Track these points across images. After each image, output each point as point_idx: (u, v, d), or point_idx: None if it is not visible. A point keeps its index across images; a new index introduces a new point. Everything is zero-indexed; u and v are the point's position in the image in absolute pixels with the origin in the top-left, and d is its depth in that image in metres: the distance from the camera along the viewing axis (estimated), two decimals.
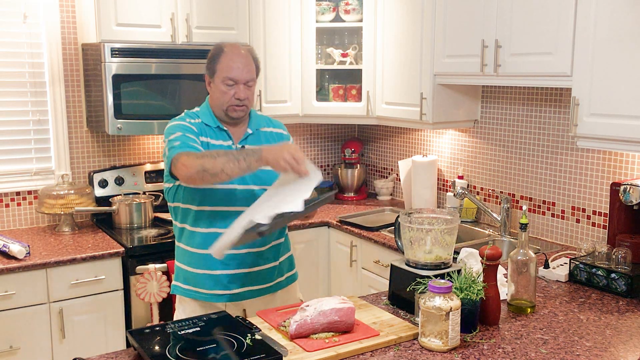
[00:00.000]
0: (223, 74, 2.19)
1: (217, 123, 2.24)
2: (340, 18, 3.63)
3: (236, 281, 2.18)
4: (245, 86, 2.21)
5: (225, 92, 2.19)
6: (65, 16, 3.35)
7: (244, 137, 2.26)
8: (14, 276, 2.75)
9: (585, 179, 2.87)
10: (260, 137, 2.30)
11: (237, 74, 2.18)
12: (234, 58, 2.20)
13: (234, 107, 2.20)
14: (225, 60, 2.20)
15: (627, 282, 2.22)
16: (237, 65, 2.19)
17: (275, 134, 2.36)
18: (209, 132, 2.23)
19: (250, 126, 2.30)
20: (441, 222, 1.97)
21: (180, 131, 2.16)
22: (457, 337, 1.77)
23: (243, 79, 2.20)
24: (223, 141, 2.23)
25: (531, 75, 2.65)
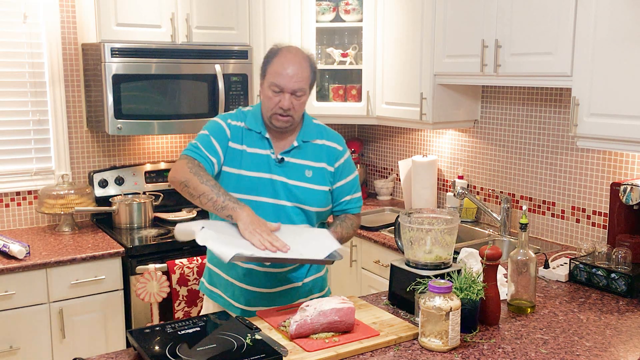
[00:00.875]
0: (271, 78, 2.04)
1: (260, 128, 2.11)
2: (340, 18, 3.63)
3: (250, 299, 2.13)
4: (292, 96, 2.04)
5: (270, 98, 2.05)
6: (65, 16, 3.35)
7: (288, 149, 2.11)
8: (14, 276, 2.75)
9: (585, 179, 2.87)
10: (307, 151, 2.13)
11: (284, 82, 2.02)
12: (286, 64, 2.03)
13: (277, 116, 2.05)
14: (276, 65, 2.05)
15: (627, 282, 2.22)
16: (287, 72, 2.02)
17: (327, 148, 2.17)
18: (249, 138, 2.10)
19: (299, 138, 2.13)
20: (441, 222, 1.96)
21: (208, 131, 2.10)
22: (457, 337, 1.77)
23: (290, 88, 2.02)
24: (261, 149, 2.10)
25: (531, 75, 2.65)
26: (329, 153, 2.16)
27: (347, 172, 2.21)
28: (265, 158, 2.09)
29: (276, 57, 2.06)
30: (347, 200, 2.21)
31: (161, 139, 3.70)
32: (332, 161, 2.17)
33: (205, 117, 3.37)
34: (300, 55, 2.08)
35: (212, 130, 2.10)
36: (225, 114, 2.17)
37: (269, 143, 2.11)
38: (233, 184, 2.06)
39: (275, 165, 2.09)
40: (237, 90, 3.45)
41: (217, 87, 3.36)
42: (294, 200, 2.08)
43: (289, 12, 3.59)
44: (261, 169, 2.08)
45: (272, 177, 2.08)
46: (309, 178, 2.11)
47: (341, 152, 2.20)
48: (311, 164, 2.13)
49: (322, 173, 2.14)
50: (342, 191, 2.20)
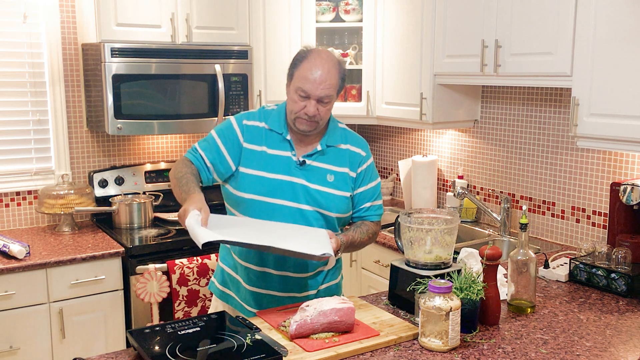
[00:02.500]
0: (297, 83, 1.98)
1: (282, 129, 2.06)
2: (340, 18, 3.63)
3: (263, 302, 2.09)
4: (318, 102, 1.98)
5: (296, 102, 1.99)
6: (65, 16, 3.35)
7: (310, 153, 2.06)
8: (14, 276, 2.75)
9: (585, 179, 2.87)
10: (330, 155, 2.09)
11: (311, 88, 1.96)
12: (313, 69, 1.96)
13: (302, 120, 2.00)
14: (304, 69, 1.97)
15: (627, 282, 2.22)
16: (314, 78, 1.95)
17: (350, 152, 2.12)
18: (270, 138, 2.06)
19: (322, 142, 2.08)
20: (441, 222, 1.96)
21: (217, 132, 2.07)
22: (457, 337, 1.77)
23: (316, 95, 1.96)
24: (282, 151, 2.05)
25: (531, 75, 2.65)
26: (352, 158, 2.12)
27: (370, 178, 2.17)
28: (286, 160, 2.04)
29: (305, 61, 1.99)
30: (367, 207, 2.16)
31: (161, 139, 3.70)
32: (355, 166, 2.13)
33: (205, 117, 3.37)
34: (330, 61, 2.00)
35: (221, 132, 2.07)
36: (244, 113, 2.12)
37: (291, 145, 2.06)
38: (252, 185, 2.02)
39: (296, 168, 2.04)
40: (237, 90, 3.45)
41: (217, 87, 3.36)
42: (314, 204, 2.04)
43: (289, 12, 3.59)
44: (282, 171, 2.03)
45: (293, 180, 2.03)
46: (331, 183, 2.06)
47: (365, 158, 2.15)
48: (333, 168, 2.08)
49: (344, 178, 2.09)
50: (362, 197, 2.15)
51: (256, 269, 2.08)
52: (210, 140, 2.07)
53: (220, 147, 2.05)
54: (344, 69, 2.06)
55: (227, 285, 2.19)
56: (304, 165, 2.05)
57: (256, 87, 3.56)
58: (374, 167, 2.20)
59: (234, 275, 2.16)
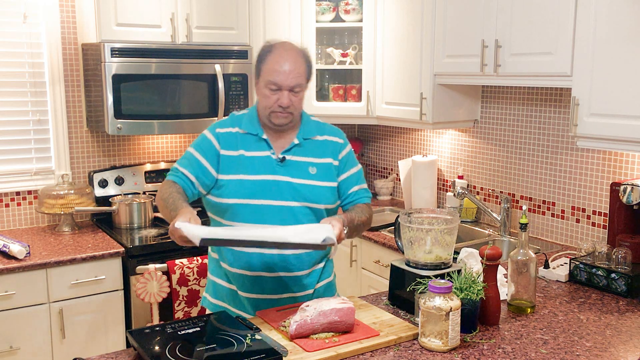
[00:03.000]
0: (267, 77, 1.98)
1: (256, 130, 2.06)
2: (340, 18, 3.63)
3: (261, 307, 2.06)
4: (290, 92, 1.99)
5: (268, 97, 2.00)
6: (65, 16, 3.35)
7: (288, 148, 2.06)
8: (14, 276, 2.75)
9: (585, 179, 2.87)
10: (308, 148, 2.09)
11: (282, 79, 1.97)
12: (281, 60, 1.98)
13: (277, 113, 2.01)
14: (271, 62, 1.99)
15: (627, 282, 2.22)
16: (283, 69, 1.97)
17: (328, 142, 2.13)
18: (246, 141, 2.06)
19: (299, 135, 2.09)
20: (441, 222, 1.96)
21: (193, 147, 2.08)
22: (457, 337, 1.77)
23: (288, 84, 1.98)
24: (260, 151, 2.05)
25: (531, 75, 2.65)
26: (331, 147, 2.12)
27: (351, 164, 2.17)
28: (265, 160, 2.04)
29: (270, 55, 2.01)
30: (354, 191, 2.15)
31: (161, 139, 3.70)
32: (336, 154, 2.13)
33: (205, 117, 3.37)
34: (295, 51, 2.03)
35: (197, 146, 2.08)
36: (215, 123, 2.13)
37: (268, 144, 2.06)
38: (235, 190, 2.01)
39: (278, 165, 2.04)
40: (237, 90, 3.45)
41: (217, 87, 3.36)
42: (301, 199, 2.03)
43: (289, 12, 3.59)
44: (262, 171, 2.03)
45: (276, 178, 2.02)
46: (314, 175, 2.06)
47: (343, 145, 2.16)
48: (315, 160, 2.09)
49: (327, 168, 2.09)
50: (348, 183, 2.14)
51: (249, 274, 2.05)
52: (189, 156, 2.07)
53: (199, 159, 2.04)
54: (310, 57, 2.07)
55: (221, 297, 2.15)
56: (284, 161, 2.05)
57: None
58: (353, 154, 2.20)
59: (227, 285, 2.12)
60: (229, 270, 2.09)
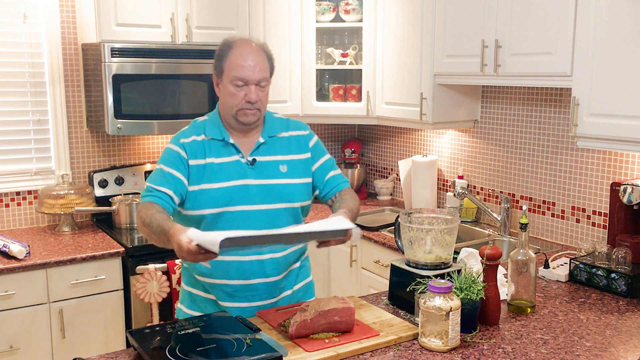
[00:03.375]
0: (232, 73, 1.93)
1: (223, 135, 2.00)
2: (340, 18, 3.63)
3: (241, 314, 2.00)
4: (257, 87, 1.95)
5: (235, 94, 1.94)
6: (65, 16, 3.35)
7: (255, 148, 2.02)
8: (14, 276, 2.75)
9: (585, 179, 2.87)
10: (276, 145, 2.05)
11: (248, 73, 1.93)
12: (244, 55, 1.94)
13: (245, 110, 1.95)
14: (234, 58, 1.94)
15: (627, 282, 2.22)
16: (248, 63, 1.93)
17: (294, 137, 2.09)
18: (212, 148, 1.99)
19: (264, 134, 2.04)
20: (441, 222, 1.96)
21: (161, 163, 1.97)
22: (457, 337, 1.77)
23: (254, 79, 1.94)
24: (228, 157, 1.99)
25: (531, 75, 2.65)
26: (298, 142, 2.08)
27: (321, 152, 2.13)
28: (235, 164, 1.98)
29: (232, 51, 1.95)
30: (331, 176, 2.12)
31: (161, 139, 3.70)
32: (306, 147, 2.09)
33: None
34: (256, 46, 1.99)
35: (165, 160, 1.98)
36: (177, 134, 2.04)
37: (236, 148, 2.00)
38: (207, 200, 1.95)
39: (249, 168, 1.99)
40: None
41: None
42: (275, 200, 1.99)
43: (289, 12, 3.59)
44: (233, 176, 1.97)
45: (247, 182, 1.97)
46: (285, 173, 2.02)
47: (309, 135, 2.12)
48: (284, 157, 2.04)
49: (297, 164, 2.05)
50: (322, 170, 2.11)
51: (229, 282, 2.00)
52: (160, 172, 1.97)
53: (172, 172, 1.95)
54: (270, 51, 2.03)
55: (199, 308, 2.09)
56: (254, 163, 2.00)
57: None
58: (321, 143, 2.16)
59: (205, 295, 2.07)
60: (206, 281, 2.04)
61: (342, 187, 2.14)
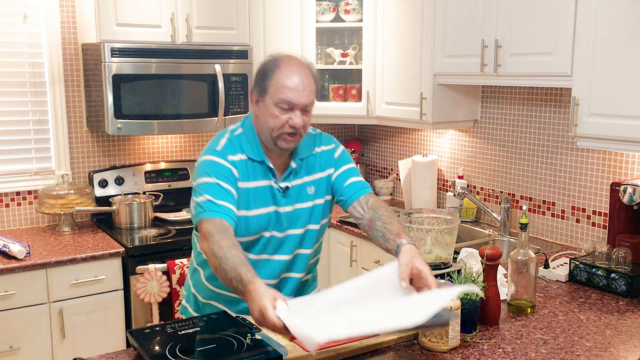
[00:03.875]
0: (278, 94, 1.79)
1: (262, 157, 1.88)
2: (340, 18, 3.63)
3: None
4: (302, 111, 1.82)
5: (277, 117, 1.80)
6: (65, 16, 3.35)
7: (286, 175, 1.92)
8: (14, 276, 2.75)
9: (585, 179, 2.87)
10: (305, 166, 1.95)
11: (296, 97, 1.79)
12: (292, 76, 1.80)
13: (286, 136, 1.83)
14: (281, 78, 1.80)
15: (627, 282, 2.22)
16: (297, 86, 1.79)
17: (320, 154, 1.99)
18: (251, 170, 1.87)
19: (295, 157, 1.92)
20: (441, 222, 1.96)
21: (214, 176, 1.82)
22: (457, 337, 1.77)
23: (301, 103, 1.80)
24: (264, 181, 1.89)
25: (531, 75, 2.65)
26: (323, 158, 2.00)
27: (344, 161, 2.03)
28: (268, 190, 1.90)
29: (278, 70, 1.81)
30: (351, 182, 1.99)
31: (161, 139, 3.70)
32: (330, 162, 2.01)
33: (205, 117, 3.37)
34: (304, 65, 1.86)
35: (219, 175, 1.83)
36: (221, 147, 1.88)
37: (273, 172, 1.90)
38: (242, 227, 1.86)
39: (281, 196, 1.92)
40: (237, 90, 3.45)
41: (217, 87, 3.36)
42: (301, 225, 1.95)
43: (289, 12, 3.59)
44: (266, 203, 1.90)
45: (279, 210, 1.92)
46: (311, 195, 1.97)
47: (335, 148, 2.03)
48: (311, 178, 1.98)
49: (322, 182, 2.00)
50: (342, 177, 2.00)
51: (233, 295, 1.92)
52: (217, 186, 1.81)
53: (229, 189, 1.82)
54: (316, 71, 1.90)
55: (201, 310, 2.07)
56: (287, 190, 1.92)
57: None
58: (346, 153, 2.06)
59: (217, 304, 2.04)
60: (219, 292, 2.02)
61: (363, 193, 1.99)
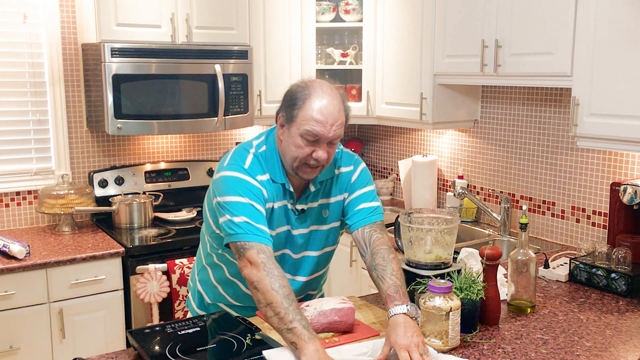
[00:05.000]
0: (304, 126, 1.71)
1: (284, 179, 1.83)
2: (340, 18, 3.63)
3: None
4: (329, 144, 1.75)
5: (302, 147, 1.74)
6: (65, 16, 3.35)
7: (303, 197, 1.88)
8: (14, 276, 2.75)
9: (585, 179, 2.87)
10: (322, 190, 1.91)
11: (323, 131, 1.71)
12: (323, 109, 1.71)
13: (307, 167, 1.77)
14: (310, 110, 1.71)
15: (627, 282, 2.22)
16: (326, 119, 1.71)
17: (339, 176, 1.94)
18: (273, 192, 1.83)
19: (315, 182, 1.87)
20: (441, 222, 1.96)
21: (247, 197, 1.74)
22: (457, 337, 1.77)
23: (329, 137, 1.73)
24: (281, 201, 1.86)
25: (531, 75, 2.65)
26: (341, 181, 1.95)
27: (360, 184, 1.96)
28: (285, 210, 1.88)
29: (309, 99, 1.73)
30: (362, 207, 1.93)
31: (161, 139, 3.70)
32: (347, 185, 1.96)
33: (205, 117, 3.37)
34: (335, 95, 1.77)
35: (251, 195, 1.76)
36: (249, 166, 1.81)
37: (292, 195, 1.88)
38: None
39: (296, 218, 1.91)
40: (237, 90, 3.45)
41: (217, 87, 3.36)
42: (312, 248, 1.96)
43: (289, 12, 3.59)
44: (282, 223, 1.89)
45: (293, 232, 1.91)
46: (326, 218, 1.96)
47: (353, 171, 1.97)
48: (327, 201, 1.96)
49: (337, 206, 1.98)
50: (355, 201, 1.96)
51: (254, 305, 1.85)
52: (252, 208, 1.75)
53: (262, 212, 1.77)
54: (347, 101, 1.83)
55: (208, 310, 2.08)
56: (302, 213, 1.91)
57: (256, 87, 3.56)
58: (366, 173, 1.99)
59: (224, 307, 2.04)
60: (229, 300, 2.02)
61: (367, 222, 1.93)
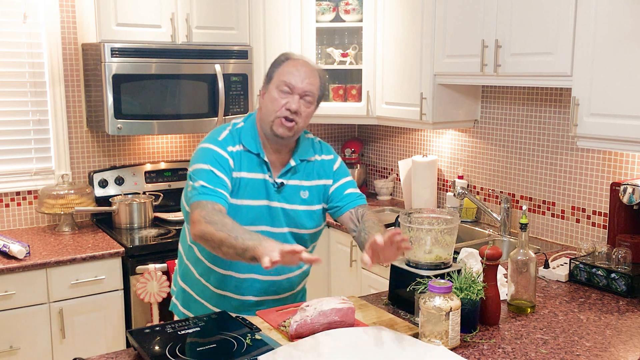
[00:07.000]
0: (281, 77, 1.93)
1: (258, 150, 1.97)
2: (340, 18, 3.63)
3: None
4: (301, 98, 1.93)
5: (276, 100, 1.92)
6: (65, 16, 3.35)
7: (284, 171, 1.99)
8: (14, 276, 2.75)
9: (585, 179, 2.87)
10: (303, 169, 2.03)
11: (296, 80, 1.92)
12: (298, 66, 1.95)
13: (282, 120, 1.92)
14: (287, 66, 1.95)
15: (627, 282, 2.22)
16: (299, 73, 1.93)
17: (321, 162, 2.08)
18: (246, 161, 1.95)
19: (295, 157, 2.01)
20: (441, 222, 1.96)
21: (209, 164, 1.90)
22: (457, 337, 1.77)
23: (301, 88, 1.92)
24: (259, 174, 1.96)
25: (531, 75, 2.65)
26: (323, 167, 2.08)
27: (343, 174, 2.11)
28: (262, 183, 1.97)
29: (287, 61, 1.97)
30: (348, 192, 2.07)
31: (161, 139, 3.70)
32: (329, 172, 2.08)
33: (205, 117, 3.37)
34: (312, 64, 2.00)
35: (215, 162, 1.91)
36: (223, 138, 1.97)
37: (267, 166, 1.98)
38: (234, 215, 1.89)
39: (274, 191, 1.98)
40: (237, 90, 3.45)
41: (217, 87, 3.36)
42: (291, 225, 2.00)
43: (289, 12, 3.59)
44: (259, 195, 1.96)
45: (270, 204, 1.97)
46: (305, 199, 2.02)
47: (334, 159, 2.12)
48: (307, 183, 2.04)
49: (317, 191, 2.05)
50: (341, 188, 2.08)
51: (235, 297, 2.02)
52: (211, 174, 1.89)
53: (223, 178, 1.90)
54: (325, 77, 2.02)
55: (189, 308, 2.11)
56: (281, 187, 1.99)
57: (256, 87, 3.56)
58: (344, 165, 2.15)
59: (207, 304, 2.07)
60: (211, 289, 2.04)
61: (357, 203, 2.07)
